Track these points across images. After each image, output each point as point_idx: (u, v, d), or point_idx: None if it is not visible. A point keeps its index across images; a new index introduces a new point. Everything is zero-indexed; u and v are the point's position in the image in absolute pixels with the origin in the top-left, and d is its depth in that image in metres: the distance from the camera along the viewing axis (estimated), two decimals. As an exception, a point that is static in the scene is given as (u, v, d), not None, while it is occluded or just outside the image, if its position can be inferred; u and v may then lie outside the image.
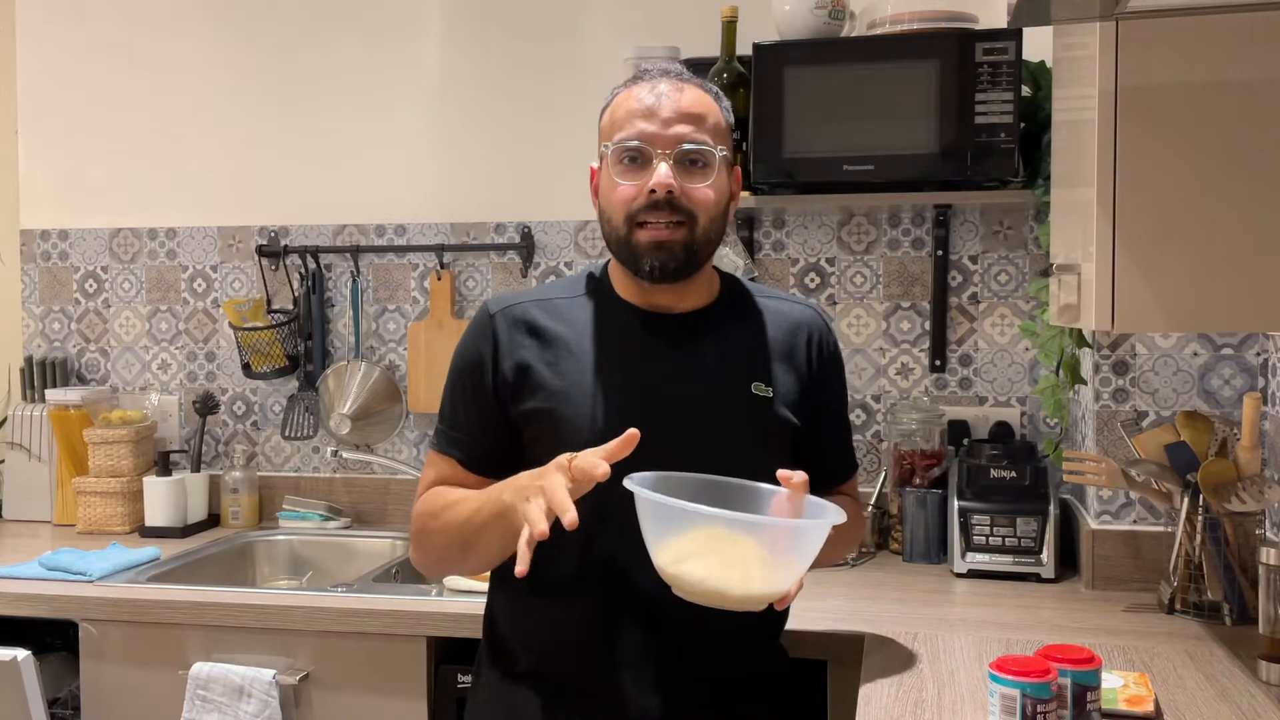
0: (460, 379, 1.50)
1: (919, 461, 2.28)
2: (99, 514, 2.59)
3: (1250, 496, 1.77)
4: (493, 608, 1.53)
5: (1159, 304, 1.40)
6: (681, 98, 1.42)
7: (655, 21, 2.50)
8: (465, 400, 1.48)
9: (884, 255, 2.42)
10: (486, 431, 1.47)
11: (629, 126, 1.42)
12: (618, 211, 1.42)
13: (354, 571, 2.39)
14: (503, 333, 1.47)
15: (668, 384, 1.44)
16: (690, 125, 1.41)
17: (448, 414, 1.50)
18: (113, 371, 2.83)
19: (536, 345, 1.45)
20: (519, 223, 2.61)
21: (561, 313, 1.48)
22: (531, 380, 1.44)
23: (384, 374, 2.65)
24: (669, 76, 1.45)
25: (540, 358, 1.44)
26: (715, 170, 1.42)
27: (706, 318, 1.50)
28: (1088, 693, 1.29)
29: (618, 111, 1.45)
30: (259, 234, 2.74)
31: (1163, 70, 1.39)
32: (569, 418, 1.41)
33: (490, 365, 1.46)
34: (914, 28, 2.10)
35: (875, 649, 1.66)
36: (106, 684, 2.04)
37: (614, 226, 1.43)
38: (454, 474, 1.48)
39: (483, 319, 1.50)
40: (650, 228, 1.40)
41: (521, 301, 1.50)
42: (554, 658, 1.44)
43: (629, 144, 1.41)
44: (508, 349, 1.46)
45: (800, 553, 1.24)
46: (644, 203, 1.40)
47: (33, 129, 2.86)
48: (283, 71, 2.71)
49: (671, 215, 1.40)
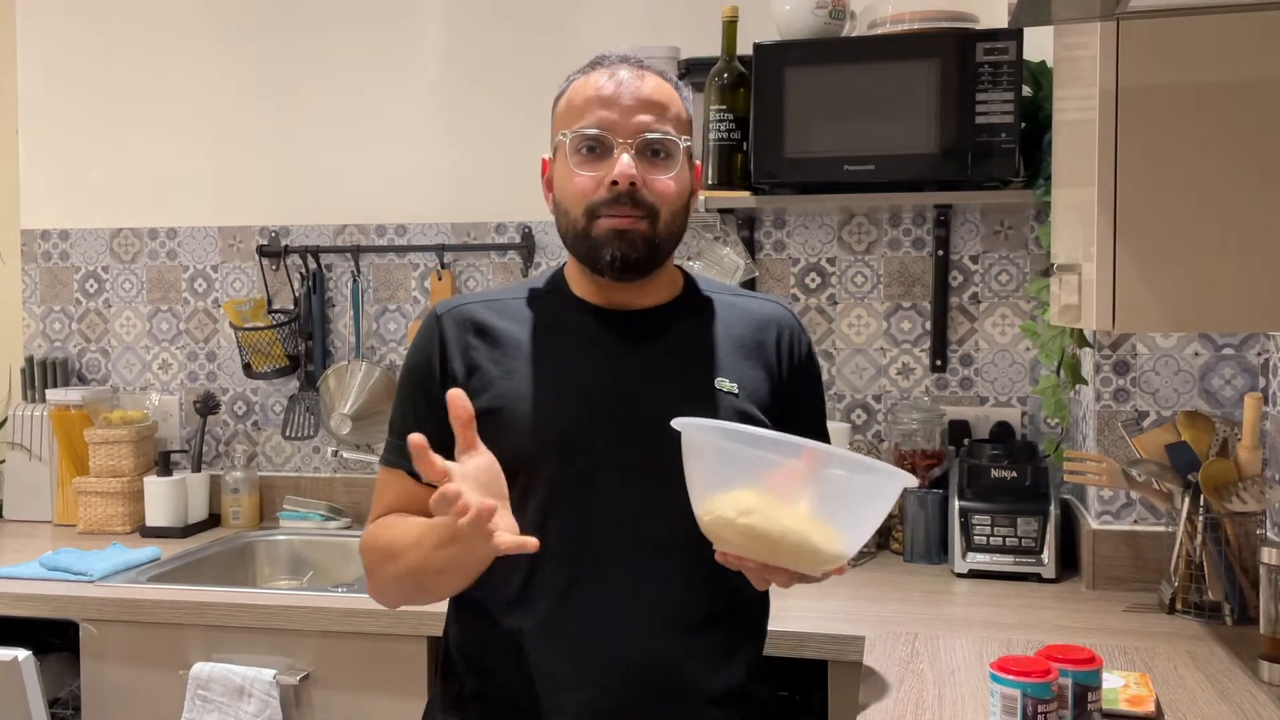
0: (408, 386, 1.42)
1: (920, 461, 2.27)
2: (99, 514, 2.59)
3: (1251, 496, 1.77)
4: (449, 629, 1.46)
5: (1160, 304, 1.40)
6: (643, 85, 1.35)
7: (655, 21, 2.50)
8: (415, 407, 1.40)
9: (885, 255, 2.42)
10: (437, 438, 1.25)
11: (588, 114, 1.34)
12: (576, 204, 1.34)
13: (354, 572, 2.39)
14: (450, 333, 1.39)
15: (623, 380, 1.36)
16: (652, 114, 1.34)
17: (398, 424, 1.41)
18: (113, 371, 2.83)
19: (484, 344, 1.39)
20: (519, 223, 2.61)
21: (512, 312, 1.41)
22: (480, 379, 1.36)
23: (385, 374, 2.65)
24: (629, 64, 1.38)
25: (489, 356, 1.38)
26: (678, 162, 1.35)
27: (667, 314, 1.42)
28: (1088, 693, 1.29)
29: (575, 99, 1.36)
30: (260, 234, 2.74)
31: (1163, 70, 1.39)
32: (519, 416, 1.34)
33: (438, 367, 1.38)
34: (914, 28, 2.10)
35: (876, 649, 1.66)
36: (107, 684, 2.04)
37: (571, 220, 1.35)
38: (407, 491, 1.37)
39: (429, 322, 1.42)
40: (610, 218, 1.33)
41: (469, 303, 1.43)
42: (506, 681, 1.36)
43: (588, 132, 1.33)
44: (455, 349, 1.38)
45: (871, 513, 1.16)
46: (605, 195, 1.32)
47: (33, 129, 2.86)
48: (283, 71, 2.71)
49: (633, 209, 1.32)
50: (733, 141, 2.15)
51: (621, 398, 1.35)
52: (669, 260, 1.42)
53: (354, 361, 2.66)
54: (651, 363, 1.39)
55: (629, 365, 1.38)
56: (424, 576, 1.28)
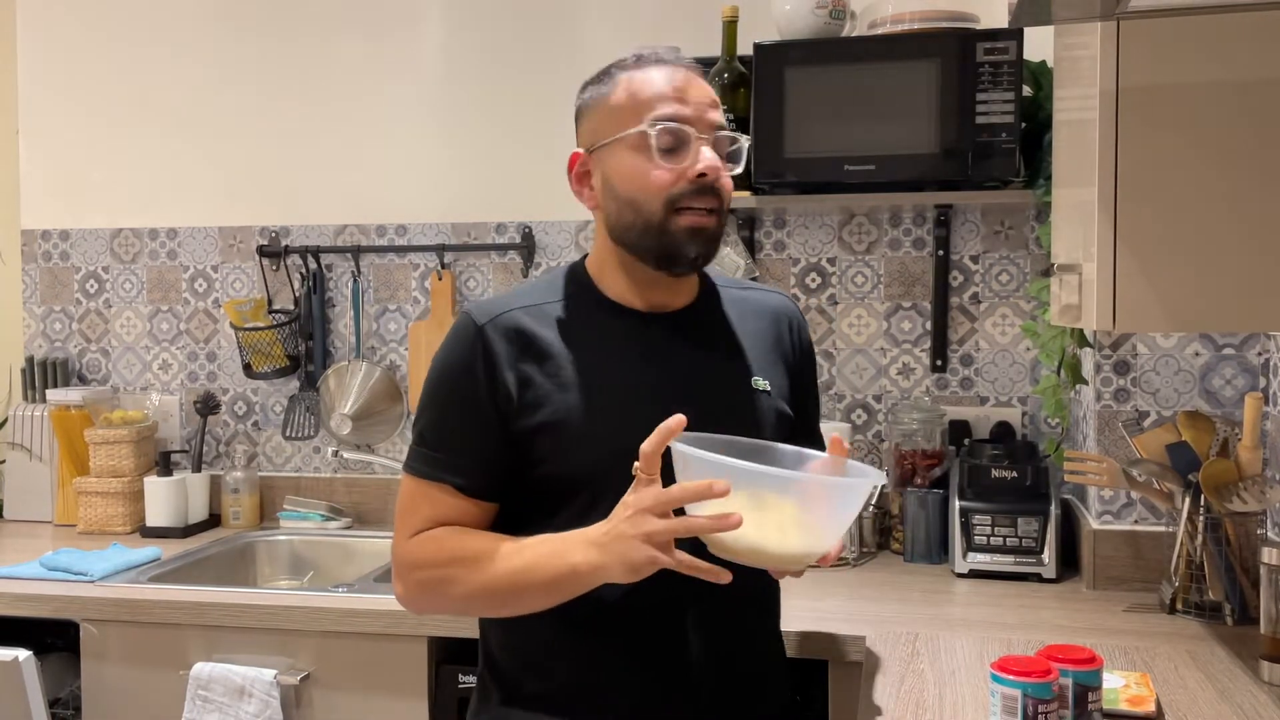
0: (450, 396, 1.35)
1: (920, 461, 2.27)
2: (100, 514, 2.59)
3: (1251, 496, 1.77)
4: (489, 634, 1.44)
5: (1160, 304, 1.40)
6: (706, 85, 1.36)
7: (656, 21, 2.50)
8: (459, 419, 1.33)
9: (885, 255, 2.42)
10: (486, 453, 1.33)
11: (662, 107, 1.31)
12: (655, 197, 1.31)
13: (355, 572, 2.39)
14: (496, 345, 1.33)
15: (674, 384, 1.36)
16: (719, 113, 1.35)
17: (435, 436, 1.34)
18: (114, 371, 2.83)
19: (533, 356, 1.34)
20: (520, 223, 2.61)
21: (551, 318, 1.37)
22: (535, 394, 1.32)
23: (385, 374, 2.65)
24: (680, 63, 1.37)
25: (540, 370, 1.33)
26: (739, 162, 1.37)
27: (697, 313, 1.43)
28: (1089, 693, 1.29)
29: (641, 92, 1.33)
30: (260, 234, 2.74)
31: (1164, 70, 1.39)
32: (580, 432, 1.32)
33: (485, 382, 1.32)
34: (915, 28, 2.10)
35: (876, 649, 1.66)
36: (107, 684, 2.04)
37: (645, 214, 1.32)
38: (450, 504, 1.33)
39: (468, 330, 1.35)
40: (690, 214, 1.31)
41: (509, 310, 1.36)
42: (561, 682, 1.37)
43: (672, 125, 1.30)
44: (505, 363, 1.33)
45: (840, 512, 1.21)
46: (687, 187, 1.31)
47: (34, 129, 2.86)
48: (284, 71, 2.71)
49: (712, 202, 1.32)
50: (733, 141, 2.15)
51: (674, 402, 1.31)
52: None
53: (354, 362, 2.66)
54: (695, 366, 1.39)
55: (676, 370, 1.38)
56: (522, 594, 1.26)
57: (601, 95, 1.38)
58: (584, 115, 1.41)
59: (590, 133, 1.39)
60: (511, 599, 1.28)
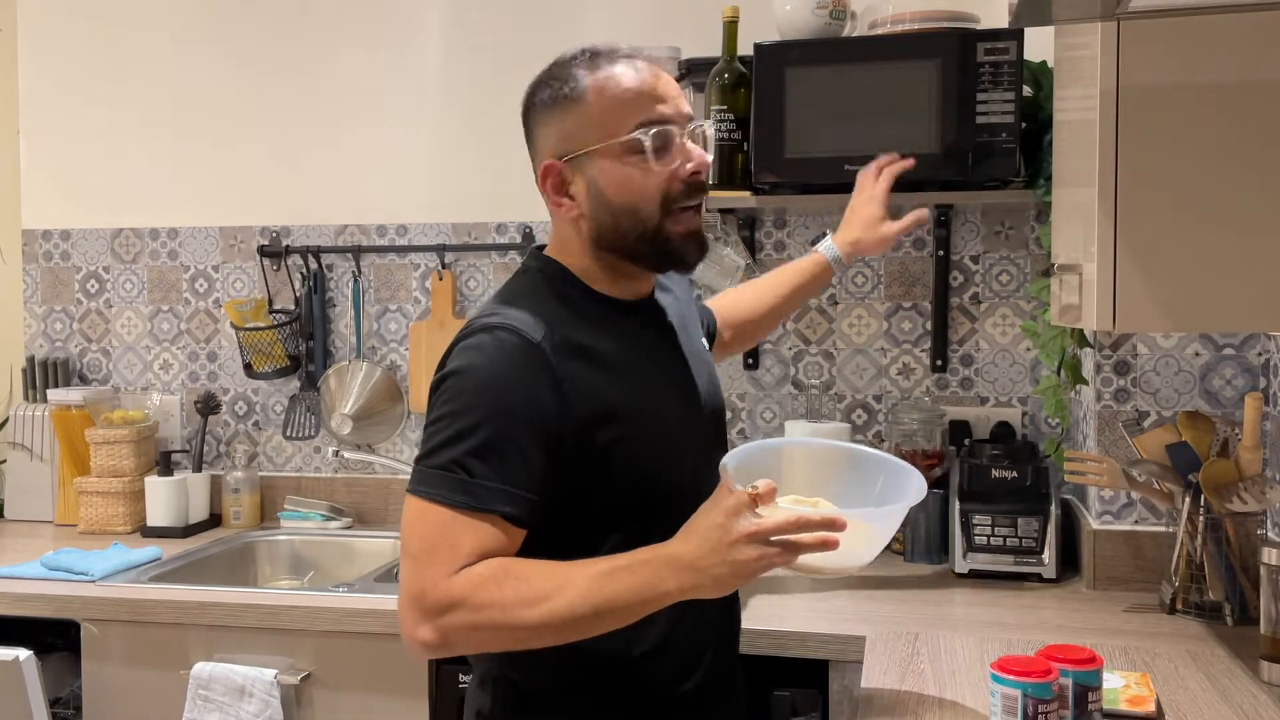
0: (510, 420, 1.20)
1: (920, 461, 2.27)
2: (100, 514, 2.60)
3: (1252, 497, 1.77)
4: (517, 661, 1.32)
5: (1160, 304, 1.40)
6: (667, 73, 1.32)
7: (656, 21, 2.50)
8: (522, 447, 1.20)
9: (885, 255, 2.42)
10: (544, 479, 1.22)
11: (645, 109, 1.26)
12: (651, 201, 1.27)
13: (355, 571, 2.40)
14: (558, 364, 1.23)
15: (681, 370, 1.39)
16: (685, 100, 1.31)
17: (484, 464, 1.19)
18: (114, 371, 2.83)
19: (590, 368, 1.25)
20: (520, 223, 2.61)
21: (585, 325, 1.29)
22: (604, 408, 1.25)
23: (385, 374, 2.65)
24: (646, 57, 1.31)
25: (602, 381, 1.26)
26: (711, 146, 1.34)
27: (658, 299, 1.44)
28: (1089, 693, 1.29)
29: (620, 95, 1.26)
30: (260, 234, 2.74)
31: (1163, 70, 1.39)
32: (647, 435, 1.28)
33: (554, 402, 1.22)
34: (915, 28, 2.10)
35: (876, 649, 1.66)
36: (108, 684, 2.05)
37: (641, 219, 1.27)
38: (496, 536, 1.19)
39: (527, 351, 1.22)
40: (685, 215, 1.28)
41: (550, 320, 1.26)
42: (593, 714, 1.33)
43: (664, 127, 1.26)
44: (572, 381, 1.23)
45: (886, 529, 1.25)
46: (682, 187, 1.27)
47: (34, 129, 2.86)
48: (284, 71, 2.71)
49: (702, 195, 1.31)
50: (733, 141, 2.15)
51: (688, 387, 1.39)
52: None
53: (355, 362, 2.66)
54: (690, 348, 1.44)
55: (675, 354, 1.41)
56: (604, 624, 1.17)
57: (567, 99, 1.30)
58: (547, 120, 1.34)
59: (562, 140, 1.31)
60: (589, 628, 1.17)
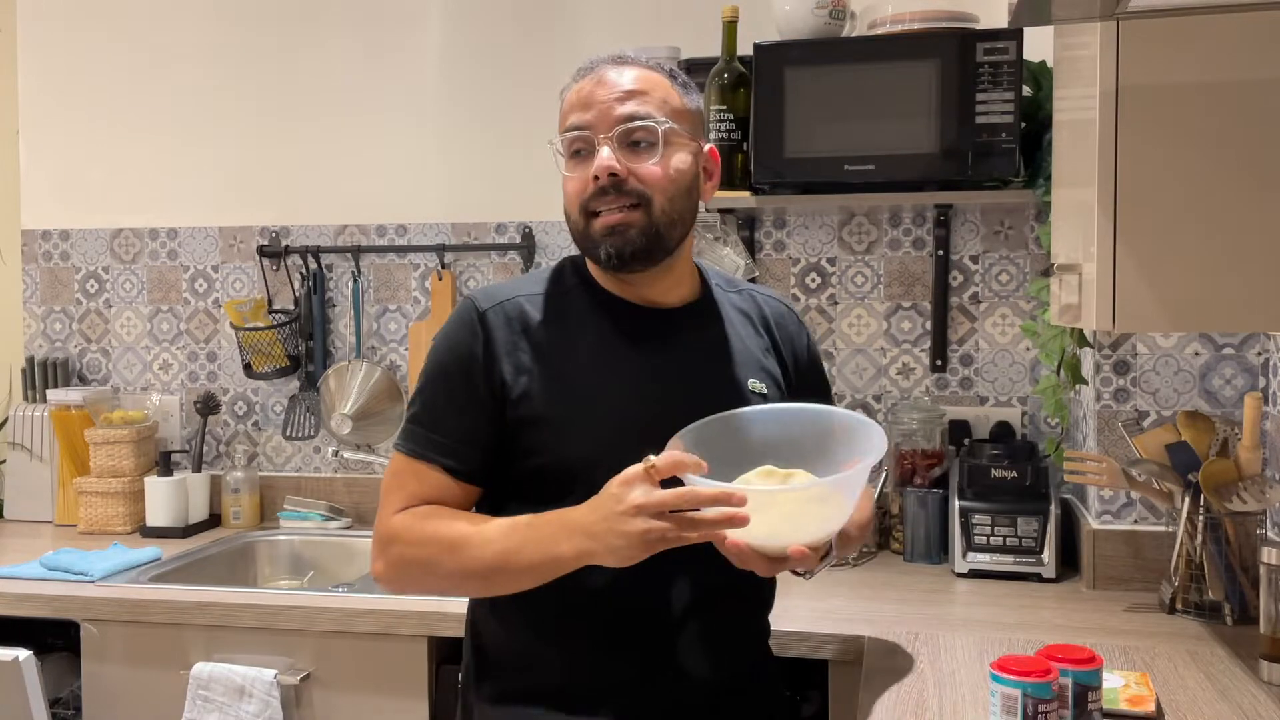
0: (449, 378, 1.36)
1: (920, 461, 2.27)
2: (100, 514, 2.59)
3: (1251, 496, 1.77)
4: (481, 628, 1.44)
5: (1160, 304, 1.40)
6: (621, 78, 1.36)
7: (655, 21, 2.50)
8: (456, 401, 1.35)
9: (885, 255, 2.42)
10: (479, 437, 1.35)
11: (571, 117, 1.37)
12: (572, 205, 1.37)
13: (355, 571, 2.40)
14: (497, 331, 1.35)
15: (665, 379, 1.37)
16: (631, 103, 1.34)
17: (430, 416, 1.36)
18: (114, 372, 2.83)
19: (532, 345, 1.36)
20: (520, 222, 2.61)
21: (551, 308, 1.39)
22: (529, 383, 1.34)
23: (385, 374, 2.65)
24: (614, 61, 1.38)
25: (539, 359, 1.35)
26: (661, 146, 1.34)
27: (693, 312, 1.44)
28: (1089, 693, 1.29)
29: (564, 106, 1.40)
30: (260, 234, 2.74)
31: (1163, 70, 1.39)
32: (574, 424, 1.33)
33: (483, 365, 1.34)
34: (915, 28, 2.10)
35: (876, 649, 1.66)
36: (108, 684, 2.04)
37: (573, 221, 1.38)
38: (437, 485, 1.35)
39: (470, 314, 1.37)
40: (604, 214, 1.34)
41: (514, 296, 1.39)
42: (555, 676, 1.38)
43: (569, 135, 1.36)
44: (503, 349, 1.35)
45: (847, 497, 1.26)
46: (592, 190, 1.33)
47: (33, 129, 2.86)
48: (284, 71, 2.71)
49: (620, 199, 1.33)
50: (733, 141, 2.15)
51: (666, 400, 1.35)
52: (683, 251, 1.43)
53: (354, 362, 2.66)
54: (687, 363, 1.41)
55: (669, 366, 1.39)
56: (506, 576, 1.28)
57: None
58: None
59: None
60: (496, 581, 1.30)
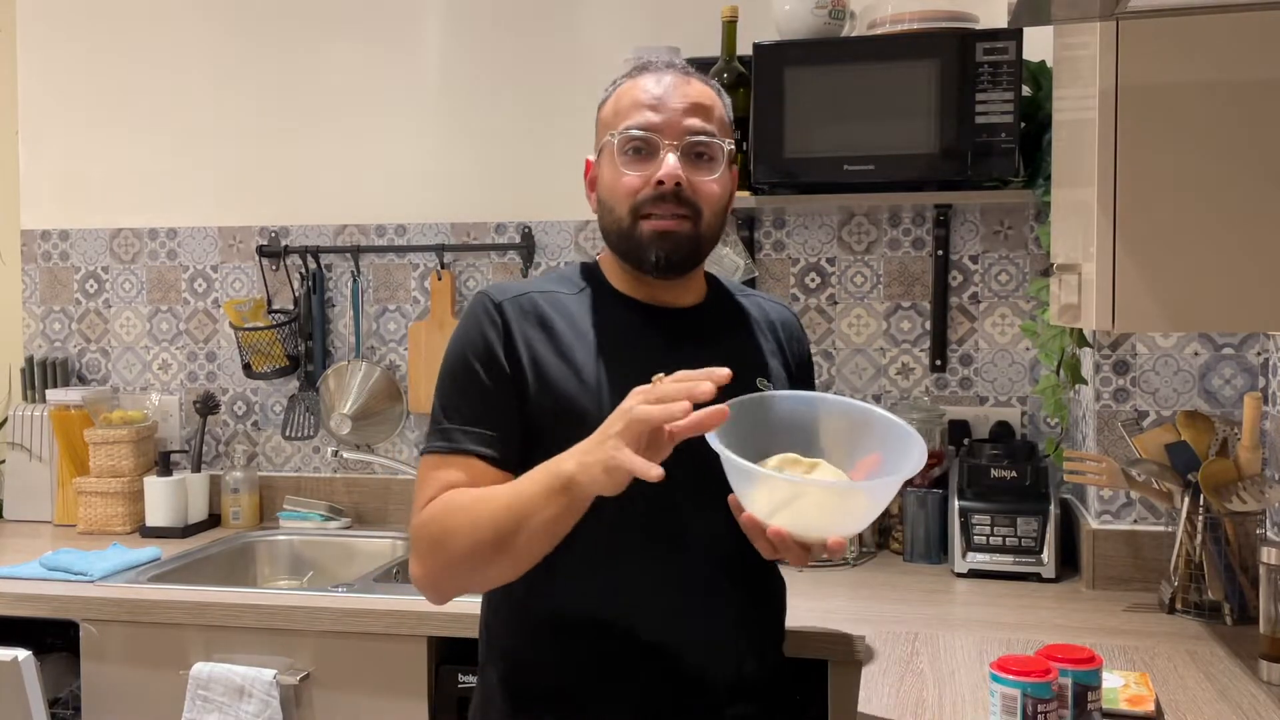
0: (469, 370, 1.37)
1: (920, 461, 2.27)
2: (100, 514, 2.59)
3: (1251, 496, 1.77)
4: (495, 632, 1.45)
5: (1160, 304, 1.40)
6: (689, 89, 1.40)
7: (655, 21, 2.50)
8: (482, 391, 1.36)
9: (884, 255, 2.42)
10: (507, 422, 1.35)
11: (635, 115, 1.38)
12: (622, 202, 1.38)
13: (355, 572, 2.39)
14: (513, 322, 1.38)
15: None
16: (698, 117, 1.38)
17: (456, 411, 1.36)
18: (113, 372, 2.83)
19: (545, 338, 1.38)
20: (519, 222, 2.61)
21: (563, 306, 1.42)
22: (543, 374, 1.36)
23: (384, 374, 2.65)
24: (674, 69, 1.42)
25: (551, 350, 1.37)
26: (721, 164, 1.40)
27: (704, 313, 1.48)
28: (1088, 692, 1.29)
29: (623, 100, 1.41)
30: (259, 234, 2.74)
31: (1163, 70, 1.39)
32: (582, 415, 1.32)
33: (502, 353, 1.36)
34: (914, 28, 2.10)
35: (876, 649, 1.66)
36: (107, 684, 2.04)
37: (616, 218, 1.39)
38: (476, 476, 1.33)
39: (485, 307, 1.39)
40: (655, 219, 1.36)
41: (528, 292, 1.42)
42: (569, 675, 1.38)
43: (635, 133, 1.37)
44: (520, 339, 1.37)
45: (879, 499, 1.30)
46: (650, 194, 1.36)
47: (33, 129, 2.86)
48: (283, 71, 2.71)
49: (678, 208, 1.36)
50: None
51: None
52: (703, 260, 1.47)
53: (354, 362, 2.66)
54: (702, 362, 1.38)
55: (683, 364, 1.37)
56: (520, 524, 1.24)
57: (603, 102, 1.46)
58: (597, 121, 1.48)
59: (596, 138, 1.47)
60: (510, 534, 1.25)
